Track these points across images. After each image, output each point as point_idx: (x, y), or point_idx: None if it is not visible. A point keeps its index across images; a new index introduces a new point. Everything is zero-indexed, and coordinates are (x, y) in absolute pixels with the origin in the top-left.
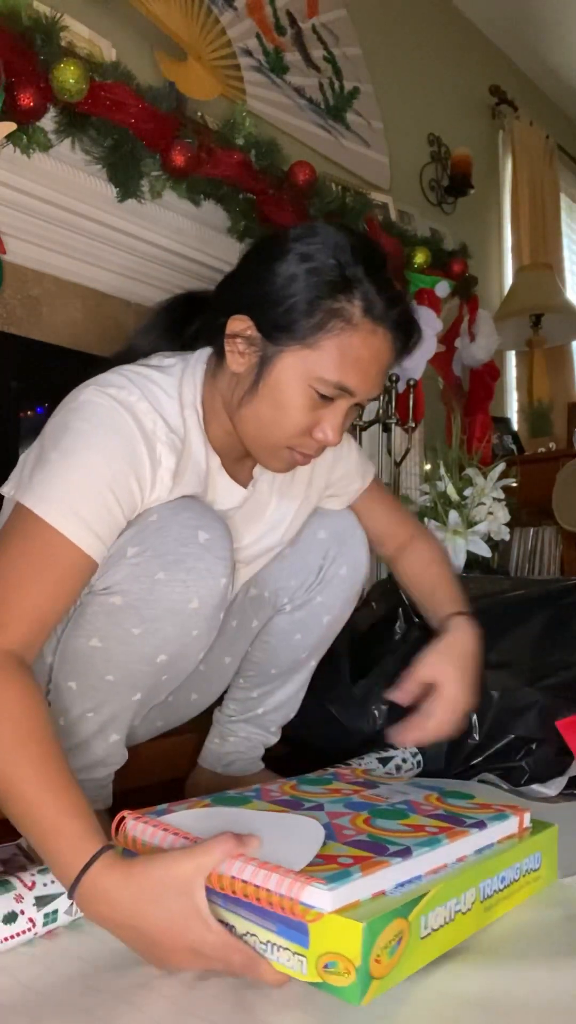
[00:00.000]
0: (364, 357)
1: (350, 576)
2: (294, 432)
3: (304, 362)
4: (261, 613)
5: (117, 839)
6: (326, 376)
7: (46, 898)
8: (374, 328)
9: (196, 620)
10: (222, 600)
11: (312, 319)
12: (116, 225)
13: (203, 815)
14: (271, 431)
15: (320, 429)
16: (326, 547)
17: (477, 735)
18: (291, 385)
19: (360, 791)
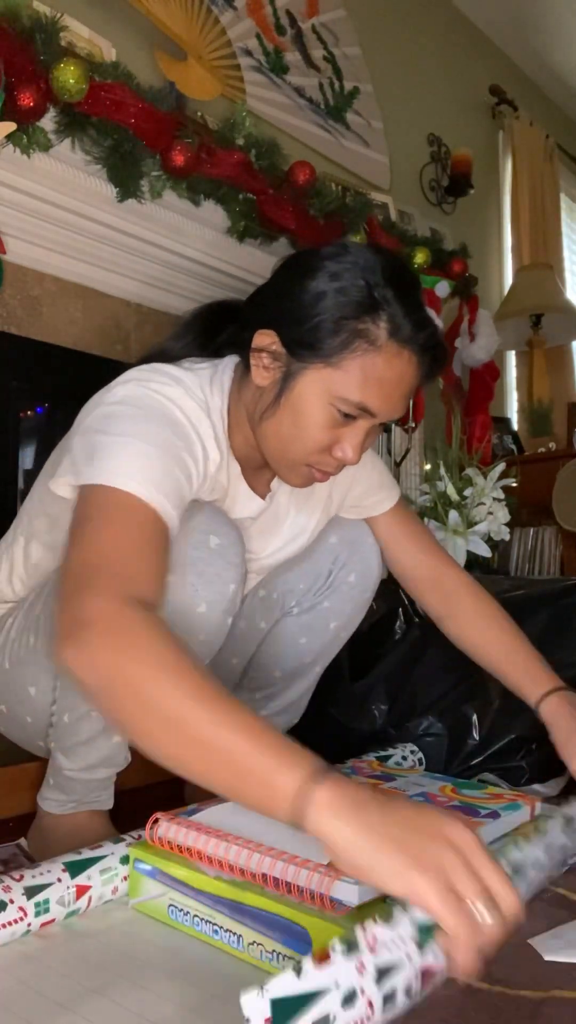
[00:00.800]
0: (387, 379)
1: (359, 583)
2: (313, 449)
3: (327, 381)
4: (269, 615)
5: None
6: (348, 396)
7: (36, 888)
8: (399, 351)
9: (203, 624)
10: (231, 605)
11: (337, 338)
12: (116, 225)
13: (232, 811)
14: (291, 447)
15: (340, 448)
16: (336, 552)
17: (477, 735)
18: (312, 403)
19: (378, 784)
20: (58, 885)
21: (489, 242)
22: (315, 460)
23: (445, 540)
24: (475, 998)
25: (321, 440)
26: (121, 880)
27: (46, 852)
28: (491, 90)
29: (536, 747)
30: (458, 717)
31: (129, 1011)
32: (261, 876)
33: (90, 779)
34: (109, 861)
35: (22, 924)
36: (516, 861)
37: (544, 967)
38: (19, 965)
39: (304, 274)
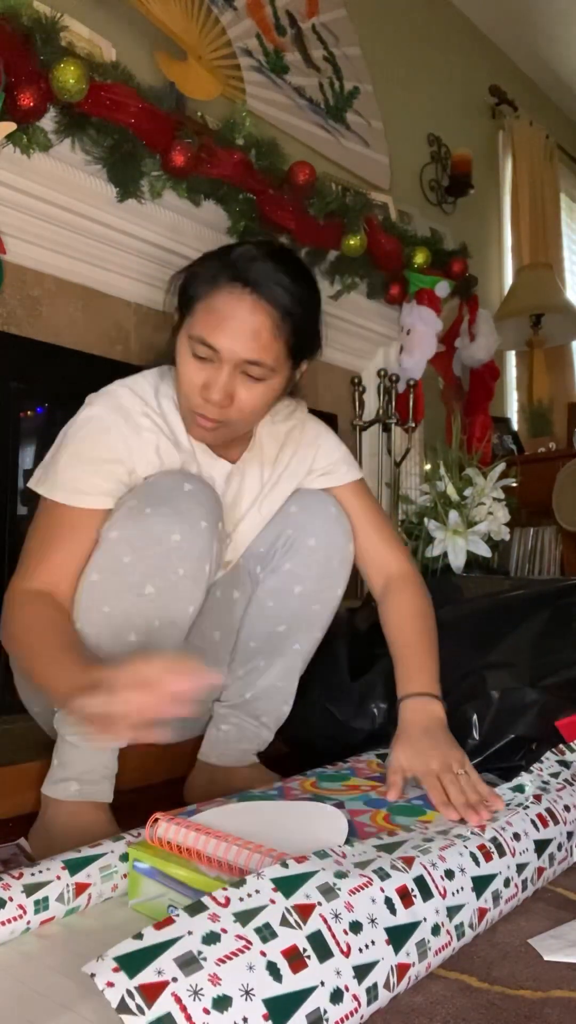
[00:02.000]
0: (220, 313)
1: (320, 548)
2: (187, 390)
3: (186, 329)
4: (240, 583)
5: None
6: (193, 333)
7: (35, 885)
8: (231, 288)
9: (179, 557)
10: (205, 546)
11: (194, 291)
12: (116, 225)
13: (232, 812)
14: (180, 396)
15: (207, 389)
16: (296, 518)
17: (477, 735)
18: (182, 352)
19: (377, 787)
20: (57, 883)
21: (489, 242)
22: (194, 404)
23: (445, 540)
24: (475, 998)
25: (191, 381)
26: (121, 877)
27: (48, 845)
28: (491, 90)
29: (536, 747)
30: (458, 717)
31: None
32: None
33: (87, 755)
34: (108, 859)
35: (21, 922)
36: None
37: (544, 967)
38: (19, 965)
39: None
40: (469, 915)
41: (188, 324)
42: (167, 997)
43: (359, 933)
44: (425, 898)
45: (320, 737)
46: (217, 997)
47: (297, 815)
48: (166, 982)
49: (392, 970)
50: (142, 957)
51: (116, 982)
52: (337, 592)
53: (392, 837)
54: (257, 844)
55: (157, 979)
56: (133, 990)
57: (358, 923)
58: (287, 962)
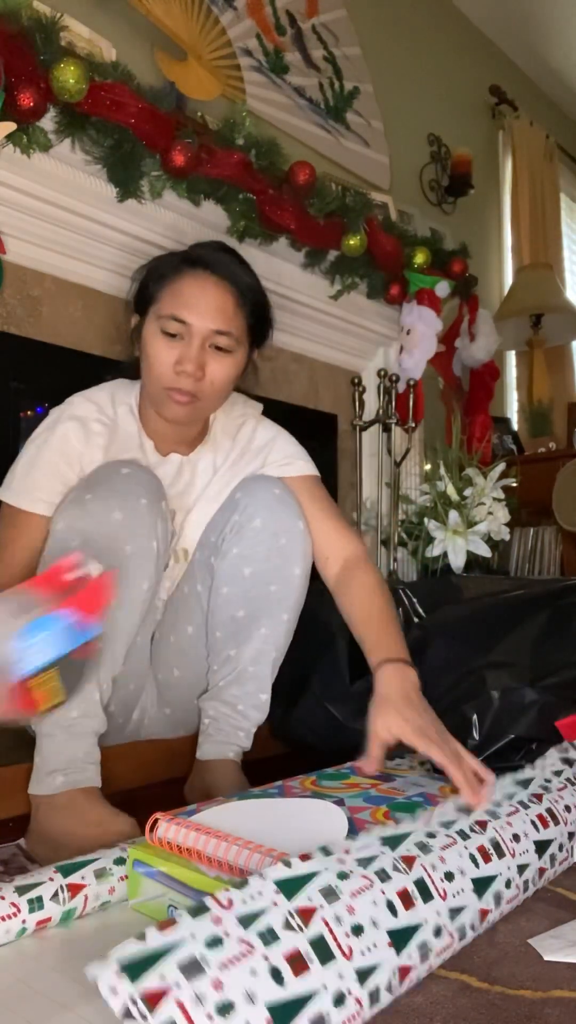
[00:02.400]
0: (190, 292)
1: (266, 527)
2: (160, 369)
3: (153, 315)
4: (203, 577)
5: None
6: (163, 313)
7: (27, 886)
8: (194, 272)
9: (125, 535)
10: (149, 523)
11: (155, 285)
12: (116, 225)
13: (231, 811)
14: (150, 380)
15: (179, 363)
16: (240, 503)
17: (477, 735)
18: (151, 335)
19: (377, 784)
20: (50, 884)
21: (489, 242)
22: (167, 381)
23: (445, 540)
24: (475, 998)
25: (163, 359)
26: (118, 880)
27: (48, 845)
28: (491, 90)
29: (536, 747)
30: (458, 717)
31: None
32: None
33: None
34: (103, 863)
35: (16, 920)
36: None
37: (544, 967)
38: (19, 965)
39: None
40: (471, 917)
41: (155, 309)
42: (170, 1004)
43: (361, 936)
44: (426, 900)
45: (320, 737)
46: (220, 1004)
47: (297, 813)
48: (168, 988)
49: (394, 972)
50: (145, 961)
51: (119, 988)
52: (295, 570)
53: (396, 828)
54: (257, 844)
55: (160, 985)
56: (136, 997)
57: (360, 926)
58: (289, 966)
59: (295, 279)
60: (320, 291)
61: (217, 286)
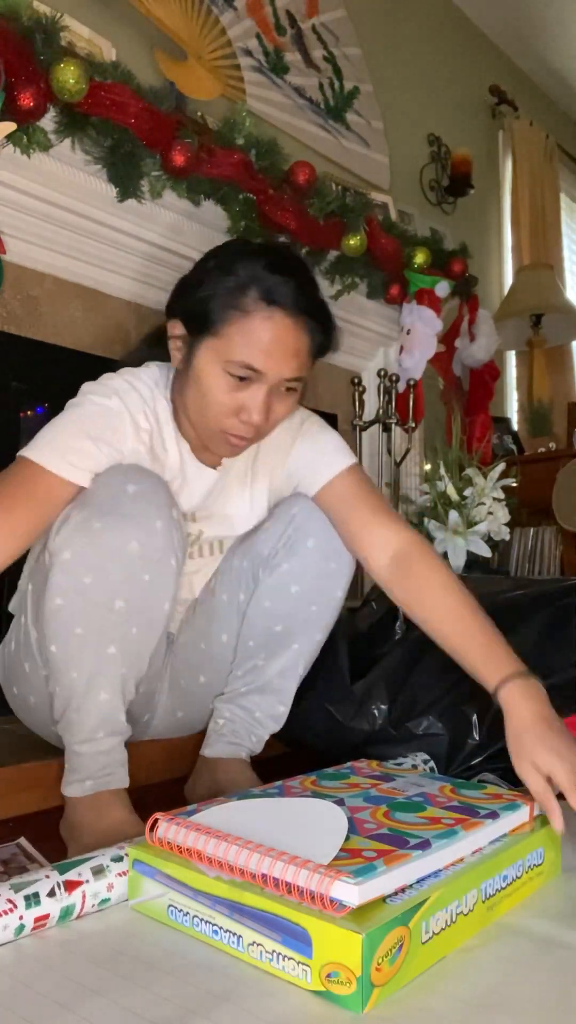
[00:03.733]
0: (264, 339)
1: (318, 549)
2: (220, 414)
3: (216, 350)
4: (246, 586)
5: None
6: (232, 358)
7: (22, 884)
8: (271, 313)
9: (143, 564)
10: (166, 544)
11: (218, 312)
12: (116, 225)
13: (231, 811)
14: (203, 416)
15: (245, 410)
16: (297, 520)
17: (477, 735)
18: (209, 372)
19: (377, 784)
20: (46, 881)
21: (489, 242)
22: (226, 425)
23: (445, 540)
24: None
25: (225, 404)
26: (116, 876)
27: (75, 838)
28: (491, 90)
29: None
30: (458, 717)
31: (129, 1011)
32: (261, 876)
33: (96, 752)
34: (100, 860)
35: (13, 916)
36: None
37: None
38: (19, 965)
39: (196, 267)
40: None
41: (216, 346)
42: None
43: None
44: None
45: (320, 738)
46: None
47: (297, 813)
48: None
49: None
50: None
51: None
52: (337, 594)
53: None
54: (257, 843)
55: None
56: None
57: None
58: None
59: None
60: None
61: (296, 330)
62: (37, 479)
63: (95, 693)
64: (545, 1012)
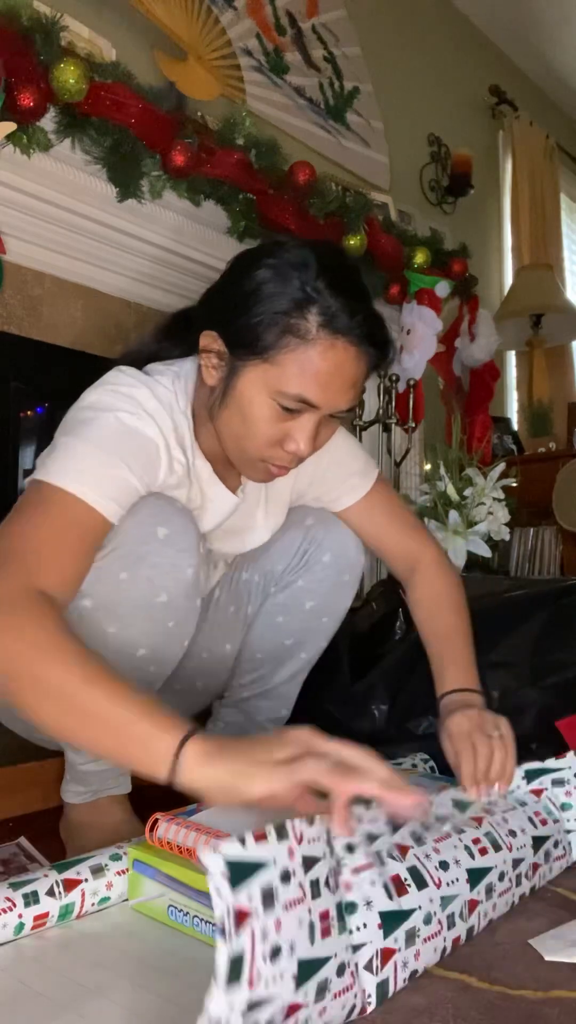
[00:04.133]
0: (323, 370)
1: (334, 563)
2: (263, 443)
3: (265, 377)
4: (254, 598)
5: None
6: (286, 390)
7: (21, 883)
8: (332, 342)
9: (168, 612)
10: (193, 590)
11: (271, 335)
12: (116, 225)
13: (231, 811)
14: (243, 443)
15: (291, 440)
16: (312, 533)
17: None
18: (255, 399)
19: None
20: (44, 880)
21: (489, 242)
22: (268, 455)
23: (445, 540)
24: (475, 998)
25: (269, 435)
26: (115, 875)
27: (73, 839)
28: (491, 90)
29: (536, 747)
30: None
31: (129, 1011)
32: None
33: (101, 770)
34: (98, 860)
35: (12, 915)
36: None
37: (544, 967)
38: (19, 965)
39: (241, 274)
40: (460, 906)
41: (267, 373)
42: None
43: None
44: (420, 887)
45: None
46: (273, 947)
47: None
48: (249, 914)
49: (377, 954)
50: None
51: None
52: (346, 604)
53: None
54: None
55: (246, 905)
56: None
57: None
58: (320, 927)
59: None
60: None
61: (358, 361)
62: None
63: None
64: None
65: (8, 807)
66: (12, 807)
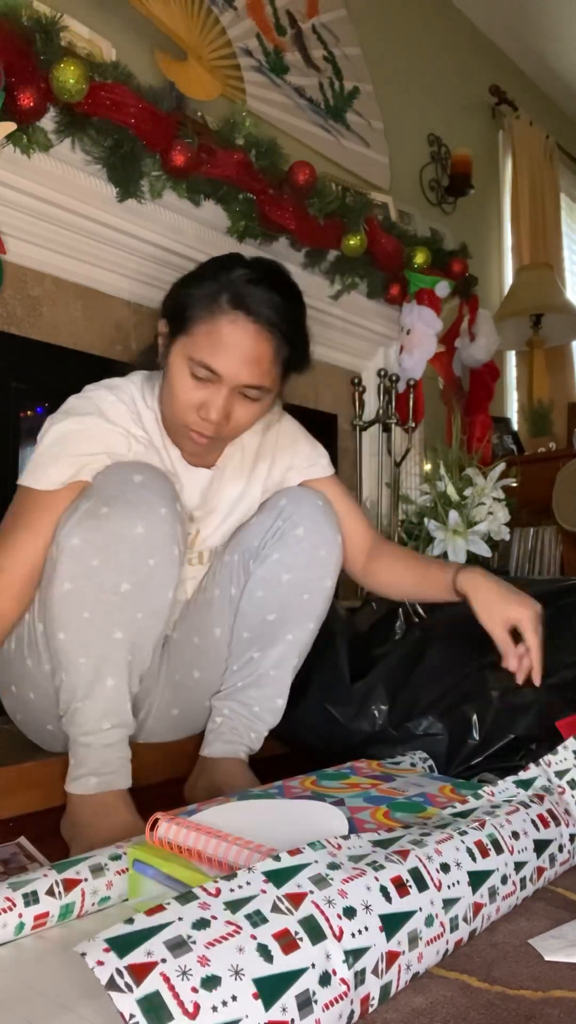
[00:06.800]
0: (226, 342)
1: (308, 537)
2: (182, 408)
3: (184, 347)
4: (236, 578)
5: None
6: (194, 356)
7: (21, 882)
8: (235, 317)
9: (147, 548)
10: (170, 532)
11: (191, 312)
12: (116, 225)
13: (231, 811)
14: (171, 410)
15: (204, 408)
16: (285, 510)
17: (477, 735)
18: (178, 368)
19: (377, 784)
20: (44, 879)
21: (489, 242)
22: (189, 420)
23: (445, 540)
24: (475, 998)
25: (186, 400)
26: (115, 874)
27: (76, 836)
28: (491, 90)
29: (536, 747)
30: (458, 717)
31: None
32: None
33: (102, 744)
34: (98, 859)
35: (12, 914)
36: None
37: (544, 967)
38: (19, 965)
39: (189, 272)
40: (464, 909)
41: (185, 344)
42: (155, 976)
43: (353, 919)
44: (420, 889)
45: (320, 738)
46: (206, 977)
47: (297, 813)
48: (155, 963)
49: (382, 957)
50: (132, 939)
51: (106, 961)
52: (327, 583)
53: (389, 834)
54: (257, 844)
55: (146, 960)
56: (122, 969)
57: (352, 908)
58: (278, 944)
59: (295, 279)
60: (320, 291)
61: (257, 336)
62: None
63: (102, 679)
64: None
65: (8, 807)
66: (12, 807)
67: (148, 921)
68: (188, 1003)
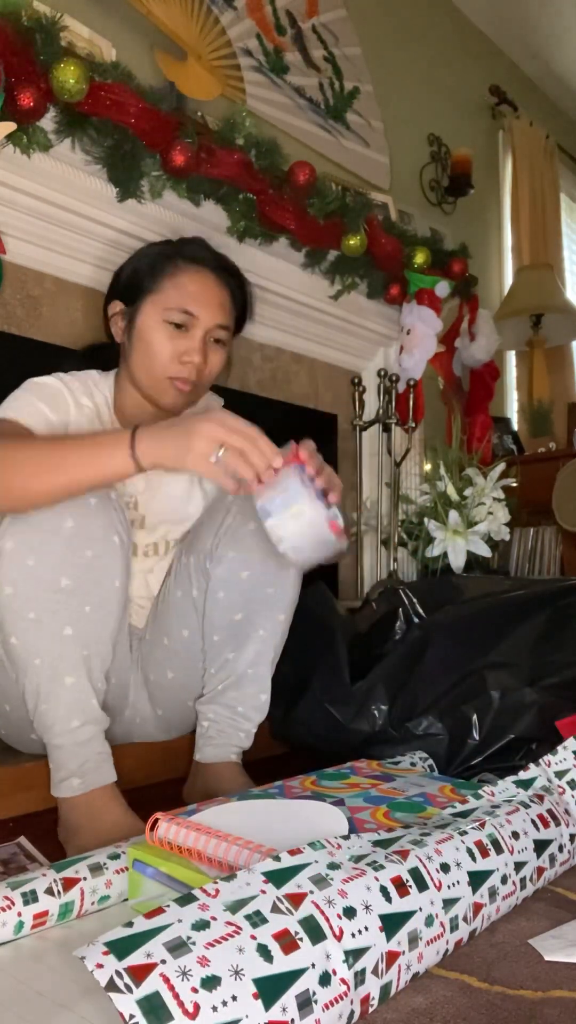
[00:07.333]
0: (195, 289)
1: (260, 531)
2: (165, 360)
3: (155, 304)
4: (196, 580)
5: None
6: (170, 305)
7: (19, 882)
8: (197, 268)
9: (81, 541)
10: (105, 522)
11: (152, 274)
12: (116, 225)
13: (231, 811)
14: (150, 367)
15: (186, 353)
16: (233, 505)
17: (477, 735)
18: (151, 326)
19: (377, 784)
20: (43, 879)
21: (489, 242)
22: (172, 371)
23: (445, 540)
24: (475, 998)
25: (167, 351)
26: (114, 873)
27: (72, 840)
28: (491, 90)
29: (536, 747)
30: (458, 717)
31: None
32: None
33: (75, 743)
34: (97, 858)
35: (11, 913)
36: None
37: (544, 967)
38: (19, 965)
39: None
40: (464, 909)
41: (155, 300)
42: (155, 977)
43: (353, 919)
44: (420, 889)
45: (320, 738)
46: (206, 977)
47: (297, 813)
48: (154, 964)
49: (382, 957)
50: (131, 942)
51: (105, 964)
52: (289, 572)
53: (389, 834)
54: (257, 843)
55: (145, 961)
56: (122, 971)
57: (352, 908)
58: (278, 944)
59: (295, 279)
60: (320, 291)
61: (218, 283)
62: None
63: (60, 678)
64: None
65: (8, 807)
66: (12, 807)
67: (147, 924)
68: (188, 1003)
